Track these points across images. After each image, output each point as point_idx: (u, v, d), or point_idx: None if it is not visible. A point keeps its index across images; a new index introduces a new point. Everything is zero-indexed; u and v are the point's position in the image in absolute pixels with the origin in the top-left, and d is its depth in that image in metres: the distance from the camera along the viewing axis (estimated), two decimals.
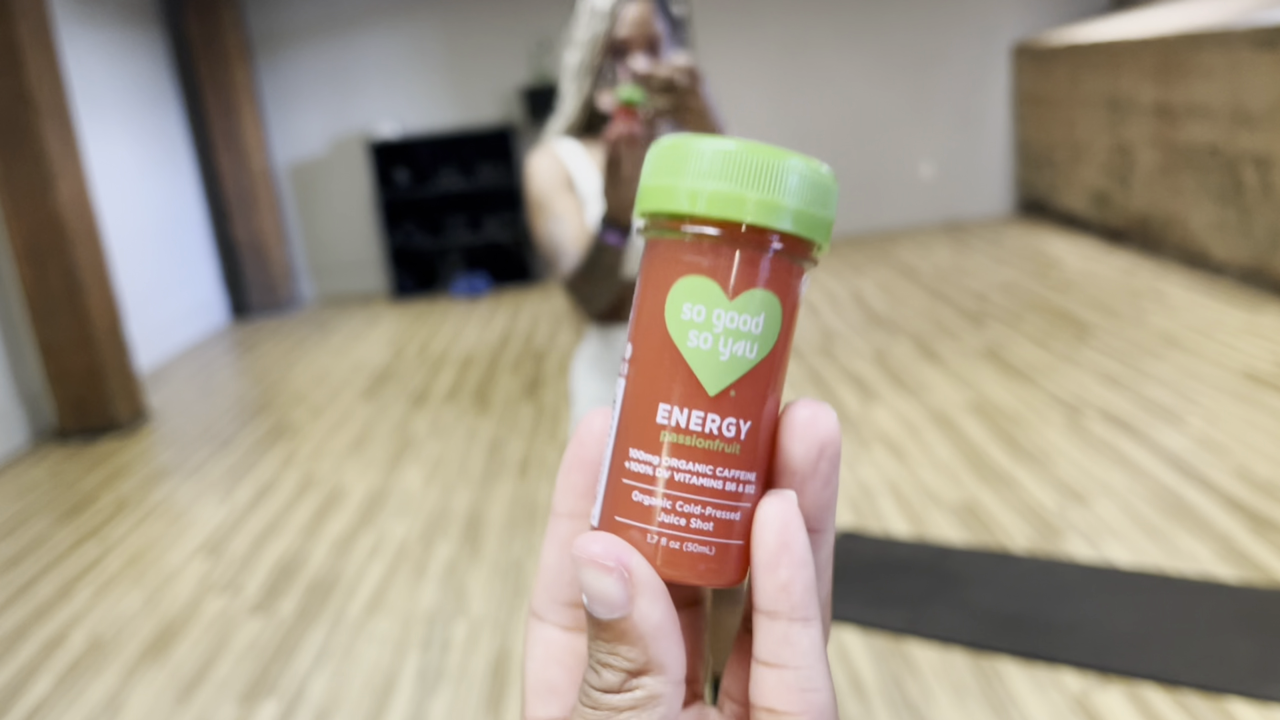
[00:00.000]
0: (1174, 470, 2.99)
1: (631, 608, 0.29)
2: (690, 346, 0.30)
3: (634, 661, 0.29)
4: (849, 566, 2.64)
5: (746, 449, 0.30)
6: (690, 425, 0.30)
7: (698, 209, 0.30)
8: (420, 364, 5.27)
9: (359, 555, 3.08)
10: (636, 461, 0.30)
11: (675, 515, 0.30)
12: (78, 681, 2.53)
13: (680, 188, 0.30)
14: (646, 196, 0.31)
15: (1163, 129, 5.45)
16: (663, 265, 0.31)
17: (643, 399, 0.31)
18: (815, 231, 0.31)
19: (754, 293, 0.30)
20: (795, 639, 0.29)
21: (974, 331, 4.65)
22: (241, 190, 6.79)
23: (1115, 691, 2.06)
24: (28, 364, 4.53)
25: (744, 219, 0.30)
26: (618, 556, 0.29)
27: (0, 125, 4.13)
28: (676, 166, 0.30)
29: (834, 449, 0.31)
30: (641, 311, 0.31)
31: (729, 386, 0.30)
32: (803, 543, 0.29)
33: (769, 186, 0.30)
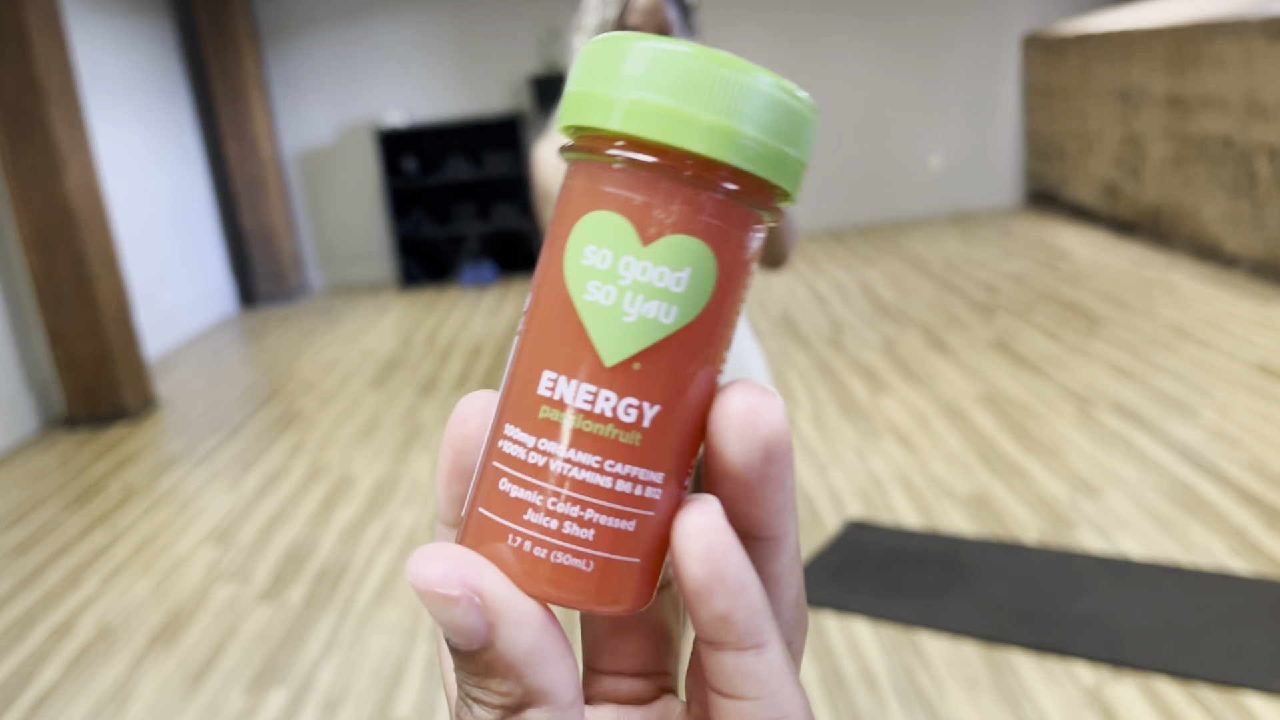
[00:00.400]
0: (1187, 463, 2.97)
1: (494, 636, 0.24)
2: (588, 300, 0.24)
3: (509, 695, 0.24)
4: (859, 557, 2.63)
5: (650, 441, 0.24)
6: (577, 401, 0.24)
7: (624, 126, 0.24)
8: (428, 352, 5.27)
9: (368, 543, 3.07)
10: (510, 441, 0.25)
11: (546, 515, 0.24)
12: (86, 669, 2.53)
13: (606, 96, 0.24)
14: (568, 107, 0.25)
15: (1175, 120, 5.41)
16: (574, 195, 0.25)
17: (528, 363, 0.25)
18: (780, 173, 0.24)
19: (677, 239, 0.24)
20: (750, 669, 0.25)
21: (984, 323, 4.63)
22: (250, 179, 6.78)
23: (1128, 684, 2.05)
24: (36, 351, 4.54)
25: (686, 146, 0.23)
26: (461, 579, 0.23)
27: (9, 112, 4.13)
28: (608, 70, 0.24)
29: (783, 446, 0.25)
30: (546, 251, 0.25)
31: (633, 357, 0.24)
32: (736, 564, 0.24)
33: (724, 107, 0.23)
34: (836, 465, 3.23)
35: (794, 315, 5.14)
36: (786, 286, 5.79)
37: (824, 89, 7.26)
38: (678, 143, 0.23)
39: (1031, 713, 2.00)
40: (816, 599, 2.45)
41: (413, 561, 0.24)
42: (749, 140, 0.23)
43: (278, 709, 2.30)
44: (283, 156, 7.11)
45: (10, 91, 4.11)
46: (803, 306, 5.31)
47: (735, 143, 0.23)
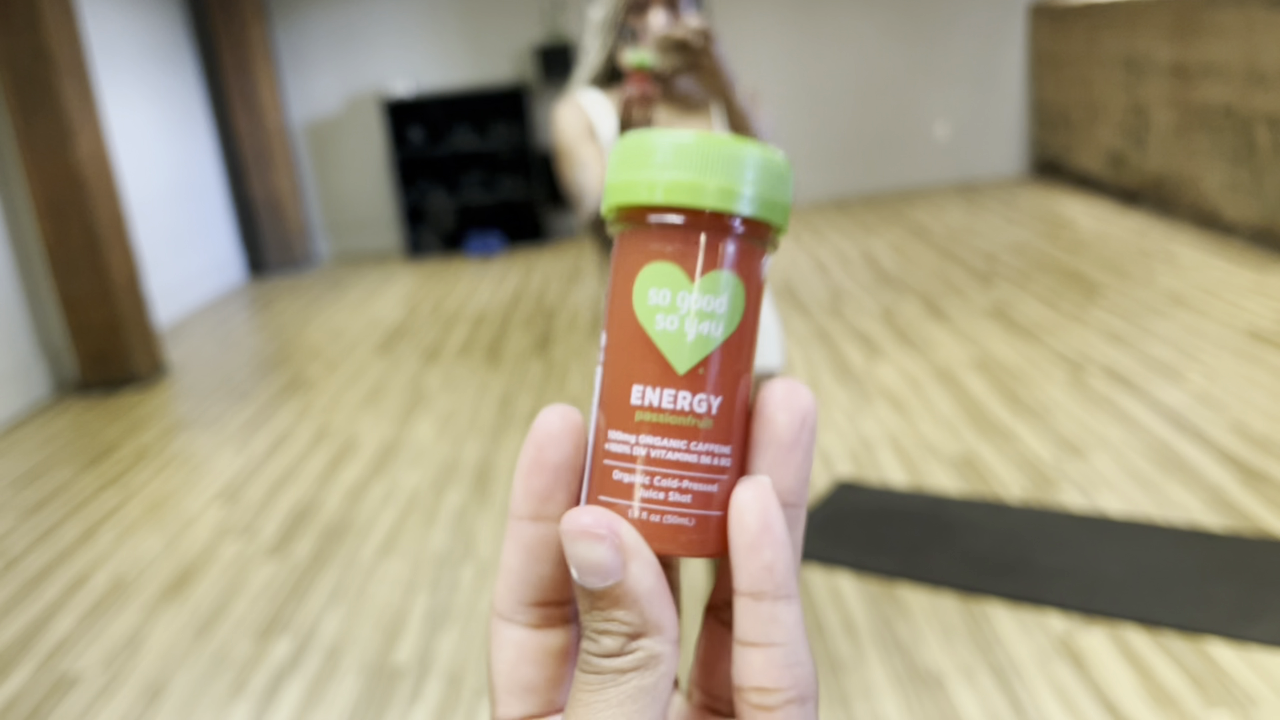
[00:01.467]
0: (1170, 425, 3.04)
1: (625, 573, 0.29)
2: (658, 329, 0.31)
3: (631, 625, 0.29)
4: (846, 515, 2.71)
5: (719, 423, 0.32)
6: (663, 404, 0.31)
7: (659, 198, 0.31)
8: (434, 321, 5.35)
9: (372, 502, 3.16)
10: (616, 443, 0.32)
11: (654, 490, 0.31)
12: (100, 619, 2.63)
13: (641, 180, 0.32)
14: (611, 193, 0.33)
15: (1179, 89, 5.43)
16: (630, 255, 0.32)
17: (618, 383, 0.32)
18: (773, 214, 0.32)
19: (716, 274, 0.32)
20: (781, 617, 0.30)
21: (982, 291, 4.68)
22: (258, 149, 6.85)
23: (1098, 632, 2.13)
24: (49, 318, 4.63)
25: (704, 205, 0.31)
26: (608, 525, 0.29)
27: (20, 82, 4.20)
28: (638, 161, 0.32)
29: (813, 419, 0.32)
30: (613, 301, 0.33)
31: (698, 365, 0.31)
32: (782, 524, 0.30)
33: (727, 173, 0.31)
34: (828, 428, 3.31)
35: (795, 283, 5.19)
36: (789, 255, 5.84)
37: (831, 58, 7.27)
38: (703, 204, 0.31)
39: (1004, 659, 2.08)
40: (804, 552, 2.53)
41: (568, 516, 0.30)
42: (750, 195, 0.31)
43: (283, 656, 2.39)
44: (290, 126, 7.17)
45: (21, 62, 4.18)
46: (804, 275, 5.36)
47: (740, 198, 0.31)
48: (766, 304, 1.89)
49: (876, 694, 2.04)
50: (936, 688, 2.03)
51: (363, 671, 2.31)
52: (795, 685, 0.30)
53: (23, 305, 4.52)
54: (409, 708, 2.17)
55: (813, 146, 7.35)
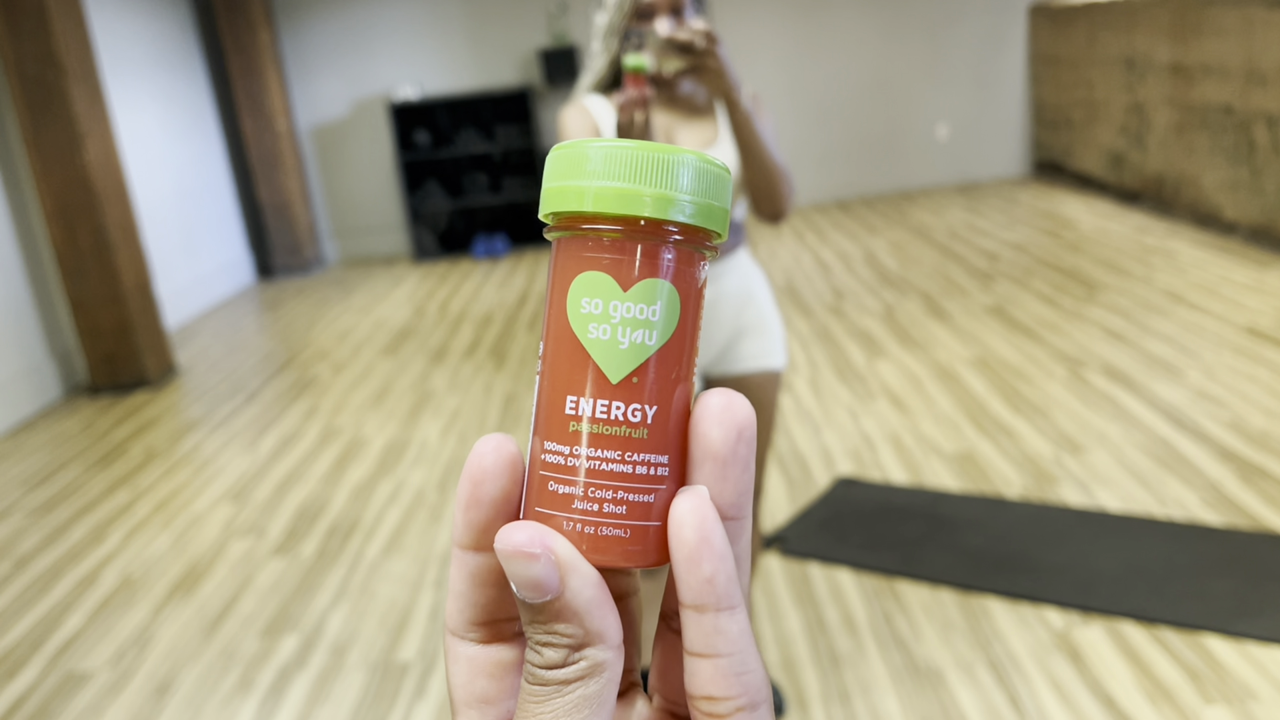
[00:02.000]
0: (1169, 421, 3.06)
1: (563, 588, 0.29)
2: (590, 338, 0.31)
3: (573, 637, 0.30)
4: (847, 512, 2.74)
5: (655, 433, 0.31)
6: (596, 413, 0.31)
7: (590, 206, 0.31)
8: (440, 322, 5.38)
9: (378, 501, 3.20)
10: (551, 454, 0.31)
11: (589, 501, 0.31)
12: (109, 616, 2.67)
13: (574, 188, 0.31)
14: (547, 199, 0.32)
15: (1178, 88, 5.44)
16: (564, 263, 0.32)
17: (553, 393, 0.32)
18: (710, 221, 0.32)
19: (651, 283, 0.31)
20: (725, 628, 0.30)
21: (983, 290, 4.70)
22: (265, 152, 6.89)
23: (1095, 628, 2.15)
24: (60, 321, 4.68)
25: (637, 213, 0.30)
26: (542, 541, 0.29)
27: (29, 87, 4.24)
28: (573, 168, 0.31)
29: (750, 432, 0.31)
30: (550, 310, 0.32)
31: (631, 373, 0.31)
32: (720, 536, 0.30)
33: (661, 181, 0.30)
34: (830, 426, 3.33)
35: (797, 283, 5.22)
36: (791, 255, 5.87)
37: (832, 60, 7.30)
38: (634, 212, 0.31)
39: (1002, 654, 2.11)
40: (804, 550, 2.56)
41: (502, 533, 0.30)
42: (684, 202, 0.31)
43: (290, 653, 2.42)
44: (298, 130, 7.22)
45: (30, 67, 4.22)
46: (806, 275, 5.39)
47: (675, 205, 0.31)
48: (767, 298, 1.92)
49: (876, 689, 2.06)
50: (936, 683, 2.06)
51: (368, 668, 2.34)
52: (745, 693, 0.30)
53: (33, 308, 4.56)
54: (414, 704, 2.20)
55: (815, 147, 7.38)
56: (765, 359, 1.87)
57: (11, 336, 4.38)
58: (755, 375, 1.86)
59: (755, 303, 1.87)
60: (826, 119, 7.39)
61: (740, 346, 1.85)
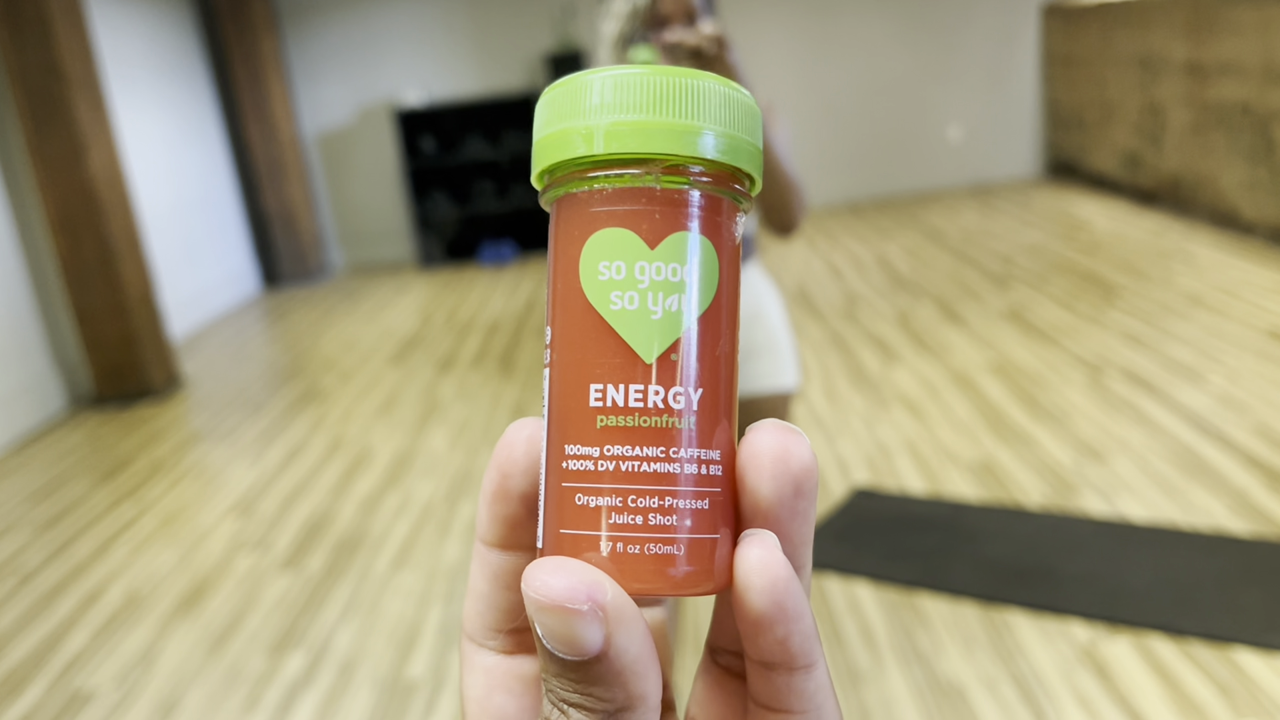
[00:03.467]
0: (1193, 428, 2.99)
1: (607, 646, 0.24)
2: (614, 309, 0.26)
3: (611, 702, 0.25)
4: (864, 523, 2.68)
5: (704, 422, 0.26)
6: (630, 402, 0.25)
7: (599, 148, 0.26)
8: (447, 330, 5.34)
9: (385, 514, 3.15)
10: (575, 459, 0.26)
11: (629, 514, 0.25)
12: (114, 634, 2.62)
13: (577, 129, 0.26)
14: (542, 151, 0.27)
15: (1194, 87, 5.37)
16: (571, 225, 0.27)
17: (571, 384, 0.26)
18: (743, 159, 0.27)
19: (680, 236, 0.26)
20: (799, 687, 0.26)
21: (998, 294, 4.63)
22: (271, 160, 6.87)
23: (1122, 641, 2.09)
24: (64, 332, 4.64)
25: (658, 151, 0.25)
26: (588, 594, 0.24)
27: (32, 97, 4.21)
28: (573, 106, 0.26)
29: (811, 483, 0.27)
30: (556, 284, 0.27)
31: (668, 349, 0.26)
32: (796, 595, 0.25)
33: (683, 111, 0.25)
34: (845, 434, 3.27)
35: (809, 288, 5.16)
36: (803, 260, 5.81)
37: (842, 62, 7.25)
38: (656, 150, 0.25)
39: (1026, 669, 2.05)
40: (821, 562, 2.50)
41: (534, 575, 0.24)
42: (713, 136, 0.26)
43: (297, 670, 2.37)
44: (302, 138, 7.19)
45: (33, 77, 4.19)
46: (818, 280, 5.33)
47: (704, 140, 0.26)
48: (779, 316, 1.86)
49: (897, 705, 2.01)
50: (958, 699, 2.00)
51: (376, 686, 2.29)
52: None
53: (37, 320, 4.53)
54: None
55: (826, 151, 7.32)
56: (776, 379, 1.81)
57: (15, 348, 4.34)
58: (766, 397, 1.81)
59: (765, 321, 1.81)
60: (837, 121, 7.33)
61: (749, 367, 1.80)
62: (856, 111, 7.31)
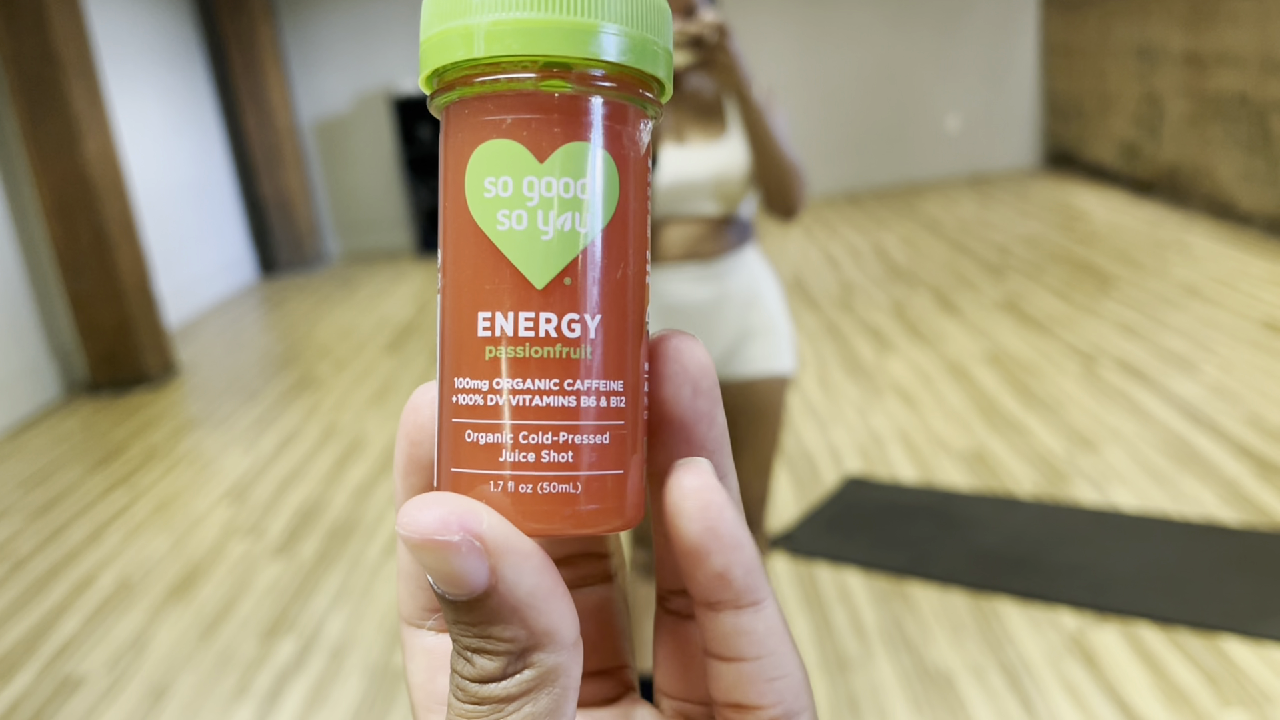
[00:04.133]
0: (1185, 418, 2.99)
1: (494, 579, 0.22)
2: (501, 230, 0.24)
3: (513, 641, 0.23)
4: (855, 511, 2.68)
5: (606, 350, 0.24)
6: (520, 331, 0.24)
7: (482, 50, 0.23)
8: None
9: (378, 501, 3.15)
10: (465, 393, 0.24)
11: (522, 450, 0.24)
12: (106, 619, 2.63)
13: (459, 29, 0.23)
14: (427, 55, 0.25)
15: (1193, 78, 5.36)
16: (457, 137, 0.24)
17: (459, 312, 0.24)
18: (650, 62, 0.24)
19: (574, 147, 0.24)
20: (748, 627, 0.25)
21: (994, 284, 4.63)
22: (267, 148, 6.85)
23: (1110, 630, 2.09)
24: (59, 319, 4.64)
25: (547, 52, 0.23)
26: (460, 523, 0.22)
27: (27, 83, 4.20)
28: (454, 5, 0.24)
29: (709, 381, 0.26)
30: (444, 202, 0.25)
31: (561, 273, 0.24)
32: (731, 521, 0.24)
33: (577, 7, 0.23)
34: (838, 423, 3.27)
35: (805, 278, 5.16)
36: (799, 249, 5.80)
37: (839, 50, 7.23)
38: (545, 52, 0.23)
39: (1014, 657, 2.05)
40: (811, 551, 2.50)
41: (404, 512, 0.23)
42: (613, 35, 0.23)
43: (288, 656, 2.38)
44: (299, 125, 7.17)
45: (28, 63, 4.18)
46: (814, 269, 5.33)
47: (601, 40, 0.23)
48: (776, 299, 1.85)
49: (885, 693, 2.01)
50: (946, 687, 2.00)
51: (367, 672, 2.29)
52: (780, 701, 0.25)
53: (32, 306, 4.52)
54: None
55: (823, 139, 7.31)
56: (772, 362, 1.81)
57: (10, 334, 4.34)
58: (762, 379, 1.80)
59: (762, 304, 1.81)
60: (834, 110, 7.31)
61: (746, 349, 1.80)
62: (854, 101, 7.29)
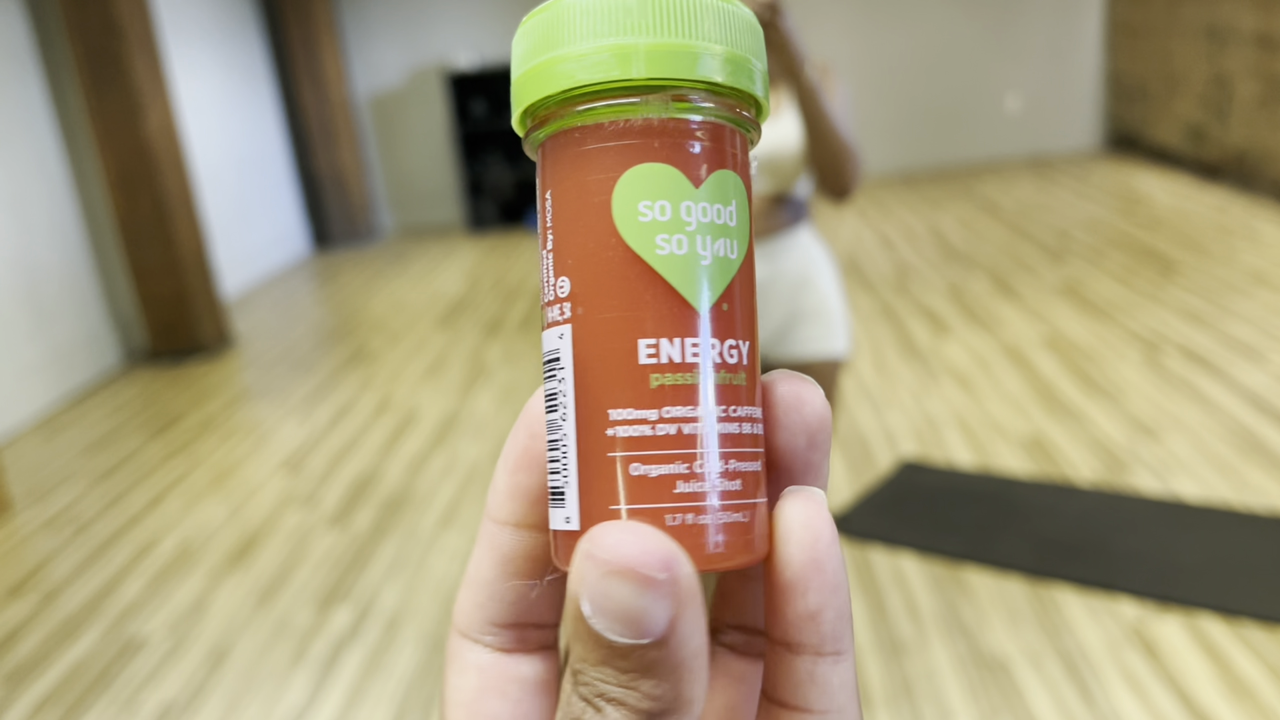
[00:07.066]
0: (1251, 407, 2.92)
1: (670, 632, 0.20)
2: (661, 254, 0.23)
3: (659, 701, 0.21)
4: (910, 494, 2.66)
5: (750, 378, 0.24)
6: (687, 357, 0.23)
7: (645, 72, 0.23)
8: (495, 295, 5.36)
9: (432, 474, 3.18)
10: (624, 424, 0.23)
11: (697, 481, 0.23)
12: (166, 584, 2.68)
13: (620, 48, 0.23)
14: (538, 80, 0.24)
15: (1263, 59, 5.21)
16: (592, 160, 0.24)
17: (611, 340, 0.23)
18: (754, 83, 0.24)
19: (722, 175, 0.24)
20: (823, 678, 0.23)
21: (1053, 268, 4.55)
22: (322, 122, 6.91)
23: (1173, 621, 2.06)
24: (119, 288, 4.72)
25: (710, 78, 0.23)
26: (665, 560, 0.20)
27: (91, 55, 4.26)
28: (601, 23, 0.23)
29: (825, 434, 0.25)
30: (575, 227, 0.24)
31: (720, 298, 0.23)
32: (837, 559, 0.23)
33: (726, 35, 0.23)
34: (893, 406, 3.24)
35: (860, 259, 5.11)
36: (853, 231, 5.74)
37: (896, 26, 7.12)
38: (704, 77, 0.23)
39: (1072, 646, 2.02)
40: (866, 533, 2.49)
41: (601, 535, 0.21)
42: (752, 64, 0.24)
43: (343, 625, 2.41)
44: (354, 100, 7.22)
45: (92, 36, 4.24)
46: (869, 251, 5.27)
47: (754, 69, 0.23)
48: (831, 280, 1.83)
49: (940, 679, 1.99)
50: (1002, 674, 1.98)
51: (422, 642, 2.32)
52: None
53: (94, 275, 4.61)
54: None
55: (879, 120, 7.21)
56: (824, 344, 1.79)
57: (73, 303, 4.43)
58: (814, 362, 1.78)
59: (815, 285, 1.78)
60: (891, 89, 7.21)
61: (798, 330, 1.77)
62: (911, 79, 7.18)
